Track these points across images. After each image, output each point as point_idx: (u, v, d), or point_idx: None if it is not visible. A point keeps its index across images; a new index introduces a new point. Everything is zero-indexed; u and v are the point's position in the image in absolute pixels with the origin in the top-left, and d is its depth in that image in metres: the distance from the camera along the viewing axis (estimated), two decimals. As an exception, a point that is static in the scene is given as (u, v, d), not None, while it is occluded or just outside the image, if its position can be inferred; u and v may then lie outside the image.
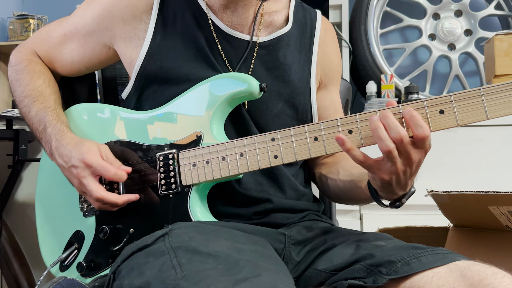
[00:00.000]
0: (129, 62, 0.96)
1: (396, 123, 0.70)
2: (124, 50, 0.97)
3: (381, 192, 0.80)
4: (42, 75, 1.00)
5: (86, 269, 0.90)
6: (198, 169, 0.85)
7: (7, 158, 1.93)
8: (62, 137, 0.90)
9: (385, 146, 0.70)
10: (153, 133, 0.91)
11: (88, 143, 0.88)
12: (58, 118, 0.93)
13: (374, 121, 0.72)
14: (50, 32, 1.04)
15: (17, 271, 2.08)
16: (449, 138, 1.81)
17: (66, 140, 0.89)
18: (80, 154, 0.86)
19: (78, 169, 0.86)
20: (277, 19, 1.00)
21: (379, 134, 0.71)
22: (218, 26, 0.95)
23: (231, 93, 0.87)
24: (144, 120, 0.93)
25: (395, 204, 0.82)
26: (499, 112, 0.70)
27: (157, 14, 0.95)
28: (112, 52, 1.00)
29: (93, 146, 0.87)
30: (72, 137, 0.90)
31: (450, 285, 0.64)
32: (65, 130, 0.92)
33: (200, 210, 0.85)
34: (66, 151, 0.88)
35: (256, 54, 0.95)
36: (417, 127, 0.70)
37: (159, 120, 0.91)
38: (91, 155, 0.85)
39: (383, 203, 0.83)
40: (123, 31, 0.96)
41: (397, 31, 2.47)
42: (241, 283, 0.57)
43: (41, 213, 1.02)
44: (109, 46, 0.99)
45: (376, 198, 0.82)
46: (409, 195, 0.81)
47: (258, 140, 0.82)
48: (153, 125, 0.91)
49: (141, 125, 0.92)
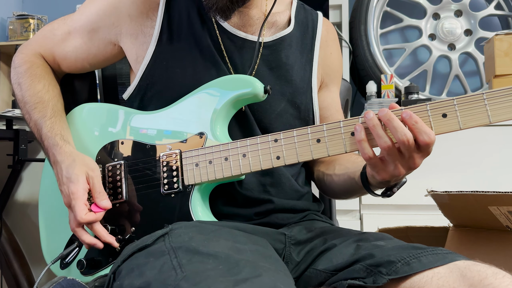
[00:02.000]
0: (135, 59, 0.96)
1: (402, 126, 0.71)
2: (130, 47, 0.97)
3: (375, 183, 0.82)
4: (43, 79, 1.00)
5: (86, 267, 0.90)
6: (200, 168, 0.85)
7: (7, 158, 1.93)
8: (57, 152, 0.90)
9: (383, 142, 0.72)
10: (156, 133, 0.91)
11: (77, 171, 0.86)
12: (52, 130, 0.92)
13: (371, 118, 0.73)
14: (53, 30, 1.03)
15: (17, 271, 2.08)
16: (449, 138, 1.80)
17: (60, 156, 0.89)
18: (67, 185, 0.86)
19: (64, 199, 0.87)
20: (280, 20, 1.01)
21: (377, 131, 0.72)
22: (222, 26, 0.95)
23: (235, 95, 0.87)
24: (149, 120, 0.93)
25: (387, 193, 0.84)
26: (502, 116, 0.70)
27: (164, 12, 0.95)
28: (117, 49, 1.00)
29: (80, 177, 0.86)
30: (67, 152, 0.90)
31: (450, 285, 0.64)
32: (60, 143, 0.91)
33: (201, 210, 0.86)
34: (60, 174, 0.88)
35: (260, 54, 0.96)
36: (422, 133, 0.71)
37: (163, 120, 0.91)
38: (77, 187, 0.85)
39: (375, 193, 0.85)
40: (130, 27, 0.96)
41: (397, 31, 2.47)
42: (241, 284, 0.57)
43: (44, 211, 1.02)
44: (115, 42, 0.99)
45: (369, 188, 0.84)
46: (400, 185, 0.82)
47: (261, 141, 0.83)
48: (157, 125, 0.92)
49: (146, 124, 0.93)
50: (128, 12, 0.95)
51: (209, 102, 0.88)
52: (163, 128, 0.91)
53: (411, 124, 0.71)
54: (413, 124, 0.71)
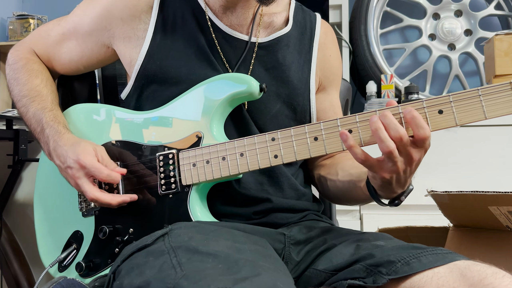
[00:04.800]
0: (129, 62, 0.96)
1: (395, 122, 0.71)
2: (123, 50, 0.97)
3: (380, 191, 0.81)
4: (40, 74, 1.00)
5: (85, 269, 0.90)
6: (198, 168, 0.85)
7: (7, 158, 1.93)
8: (60, 138, 0.90)
9: (386, 147, 0.71)
10: (153, 133, 0.91)
11: (84, 143, 0.88)
12: (55, 119, 0.93)
13: (374, 122, 0.72)
14: (48, 30, 1.04)
15: (17, 271, 2.08)
16: (449, 138, 1.81)
17: (63, 141, 0.89)
18: (75, 155, 0.86)
19: (73, 170, 0.86)
20: (277, 21, 1.00)
21: (379, 135, 0.71)
22: (218, 26, 0.95)
23: (231, 93, 0.87)
24: (144, 120, 0.93)
25: (394, 203, 0.82)
26: (497, 112, 0.71)
27: (157, 14, 0.95)
28: (111, 52, 1.00)
29: (88, 147, 0.87)
30: (70, 138, 0.90)
31: (450, 285, 0.64)
32: (63, 130, 0.92)
33: (200, 210, 0.85)
34: (63, 152, 0.88)
35: (255, 54, 0.95)
36: (419, 128, 0.71)
37: (159, 120, 0.91)
38: (85, 156, 0.86)
39: (382, 202, 0.84)
40: (122, 31, 0.96)
41: (397, 31, 2.47)
42: (241, 283, 0.57)
43: (39, 212, 1.02)
44: (108, 45, 0.99)
45: (375, 197, 0.82)
46: (407, 193, 0.81)
47: (258, 140, 0.82)
48: (153, 125, 0.91)
49: (141, 125, 0.92)
50: (120, 15, 0.95)
51: (204, 101, 0.88)
52: (159, 128, 0.91)
53: (409, 118, 0.71)
54: (410, 118, 0.71)
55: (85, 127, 0.98)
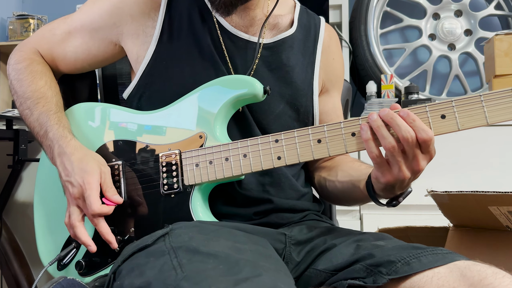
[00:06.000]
0: (135, 58, 0.96)
1: (405, 123, 0.72)
2: (131, 46, 0.97)
3: (380, 192, 0.81)
4: (44, 76, 0.99)
5: (85, 268, 0.90)
6: (201, 169, 0.85)
7: (7, 158, 1.93)
8: (66, 144, 0.89)
9: (388, 143, 0.73)
10: (156, 133, 0.91)
11: (92, 163, 0.87)
12: (60, 123, 0.92)
13: (375, 120, 0.74)
14: (53, 29, 1.03)
15: (17, 271, 2.08)
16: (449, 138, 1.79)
17: (69, 149, 0.88)
18: (81, 176, 0.85)
19: (73, 190, 0.86)
20: (282, 22, 1.01)
21: (382, 132, 0.73)
22: (224, 26, 0.95)
23: (235, 95, 0.87)
24: (148, 120, 0.93)
25: (392, 203, 0.83)
26: (499, 117, 0.72)
27: (165, 11, 0.95)
28: (118, 49, 0.99)
29: (95, 169, 0.86)
30: (76, 146, 0.89)
31: (450, 285, 0.64)
32: (68, 136, 0.91)
33: (201, 210, 0.86)
34: (69, 165, 0.87)
35: (259, 54, 0.96)
36: (420, 130, 0.72)
37: (162, 120, 0.91)
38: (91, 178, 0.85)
39: (380, 202, 0.85)
40: (131, 27, 0.96)
41: (397, 31, 2.47)
42: (241, 283, 0.57)
43: (39, 212, 1.02)
44: (116, 43, 0.99)
45: (374, 197, 0.83)
46: (406, 194, 0.82)
47: (262, 141, 0.83)
48: (156, 125, 0.91)
49: (145, 125, 0.92)
50: (130, 12, 0.95)
51: (208, 102, 0.88)
52: (162, 128, 0.91)
53: (409, 122, 0.72)
54: (411, 122, 0.72)
55: (89, 126, 0.97)
